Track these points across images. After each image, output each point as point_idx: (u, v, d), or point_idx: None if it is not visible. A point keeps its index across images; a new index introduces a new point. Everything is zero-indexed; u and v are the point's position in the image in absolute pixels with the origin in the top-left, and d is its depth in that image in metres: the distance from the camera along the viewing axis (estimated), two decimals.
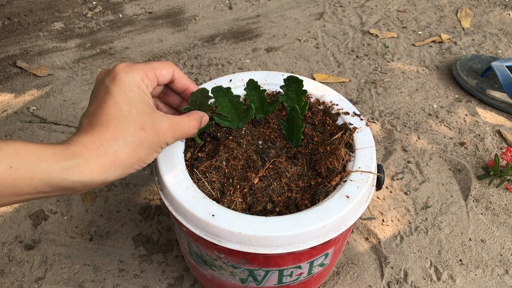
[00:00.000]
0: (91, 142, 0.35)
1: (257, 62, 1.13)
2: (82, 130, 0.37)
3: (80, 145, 0.35)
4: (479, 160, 0.90)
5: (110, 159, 0.36)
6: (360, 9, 1.33)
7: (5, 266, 0.72)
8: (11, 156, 0.32)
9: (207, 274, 0.56)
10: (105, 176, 0.36)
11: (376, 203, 0.82)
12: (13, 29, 1.22)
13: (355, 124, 0.55)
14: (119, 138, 0.36)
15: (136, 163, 0.38)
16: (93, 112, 0.38)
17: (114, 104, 0.37)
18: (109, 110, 0.37)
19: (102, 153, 0.35)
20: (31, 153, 0.33)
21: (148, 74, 0.41)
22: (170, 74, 0.44)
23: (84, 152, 0.35)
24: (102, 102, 0.38)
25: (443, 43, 1.21)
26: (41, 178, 0.33)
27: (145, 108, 0.39)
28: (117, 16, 1.29)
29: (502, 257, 0.75)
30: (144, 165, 0.39)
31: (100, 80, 0.40)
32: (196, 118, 0.44)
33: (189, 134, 0.43)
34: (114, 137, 0.36)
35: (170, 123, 0.40)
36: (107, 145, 0.36)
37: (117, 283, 0.70)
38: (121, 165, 0.37)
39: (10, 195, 0.33)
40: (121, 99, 0.38)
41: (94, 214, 0.79)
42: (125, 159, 0.37)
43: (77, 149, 0.35)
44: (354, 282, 0.71)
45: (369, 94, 1.04)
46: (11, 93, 1.03)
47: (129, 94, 0.38)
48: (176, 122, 0.41)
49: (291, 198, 0.48)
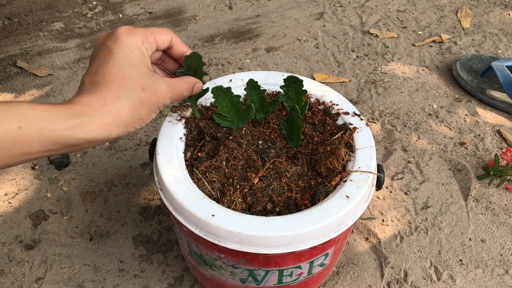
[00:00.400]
0: (95, 101, 0.37)
1: (257, 62, 1.13)
2: (85, 90, 0.38)
3: (84, 104, 0.37)
4: (479, 160, 0.90)
5: (113, 117, 0.37)
6: (360, 9, 1.33)
7: (5, 266, 0.72)
8: (19, 116, 0.33)
9: (207, 274, 0.56)
10: (108, 133, 0.38)
11: (376, 203, 0.82)
12: (13, 29, 1.22)
13: (355, 124, 0.55)
14: (122, 97, 0.38)
15: (137, 122, 0.40)
16: (95, 72, 0.39)
17: (117, 65, 0.39)
18: (111, 70, 0.39)
19: (106, 111, 0.37)
20: (38, 113, 0.34)
21: (148, 38, 0.43)
22: (168, 40, 0.46)
23: (88, 111, 0.36)
24: (104, 62, 0.39)
25: (443, 43, 1.21)
26: (49, 137, 0.34)
27: (145, 69, 0.41)
28: (117, 16, 1.29)
29: (502, 257, 0.75)
30: (143, 125, 0.41)
31: (102, 41, 0.42)
32: (188, 82, 0.47)
33: (183, 96, 0.46)
34: (117, 96, 0.38)
35: (168, 85, 0.43)
36: (110, 103, 0.38)
37: (117, 283, 0.70)
38: (123, 123, 0.38)
39: (20, 155, 0.34)
40: (122, 59, 0.40)
41: (94, 214, 0.79)
42: (127, 118, 0.39)
43: (82, 108, 0.36)
44: (354, 282, 0.71)
45: (369, 94, 1.04)
46: (11, 93, 1.03)
47: (130, 55, 0.40)
48: (172, 84, 0.43)
49: (291, 198, 0.48)
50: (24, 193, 0.82)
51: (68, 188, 0.83)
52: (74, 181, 0.84)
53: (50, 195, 0.82)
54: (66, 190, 0.83)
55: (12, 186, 0.83)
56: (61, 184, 0.84)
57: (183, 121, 0.54)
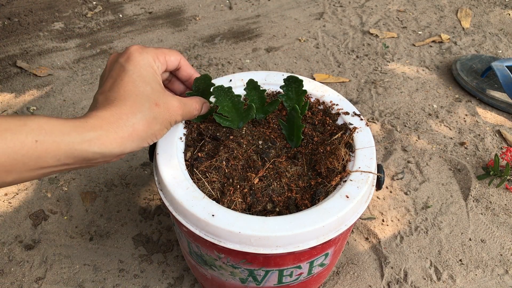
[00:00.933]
0: (110, 116, 0.38)
1: (257, 62, 1.13)
2: (100, 106, 0.39)
3: (99, 119, 0.37)
4: (479, 160, 0.90)
5: (128, 132, 0.38)
6: (360, 9, 1.33)
7: (5, 266, 0.72)
8: (36, 130, 0.34)
9: (207, 274, 0.56)
10: (123, 148, 0.38)
11: (376, 203, 0.82)
12: (13, 29, 1.22)
13: (355, 124, 0.55)
14: (137, 112, 0.39)
15: (150, 137, 0.41)
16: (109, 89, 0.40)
17: (131, 81, 0.40)
18: (126, 87, 0.40)
19: (121, 125, 0.38)
20: (54, 127, 0.35)
21: (159, 57, 0.44)
22: (177, 61, 0.47)
23: (104, 125, 0.37)
24: (118, 79, 0.40)
25: (443, 43, 1.21)
26: (65, 150, 0.35)
27: (158, 86, 0.42)
28: (117, 16, 1.29)
29: (502, 257, 0.75)
30: (155, 140, 0.42)
31: (113, 60, 0.43)
32: (198, 102, 0.48)
33: (193, 115, 0.47)
34: (132, 111, 0.39)
35: (180, 102, 0.44)
36: (126, 118, 0.38)
37: (117, 283, 0.70)
38: (138, 137, 0.39)
39: (36, 168, 0.34)
40: (137, 76, 0.41)
41: (94, 214, 0.79)
42: (141, 132, 0.39)
43: (97, 122, 0.37)
44: (354, 282, 0.71)
45: (369, 94, 1.04)
46: (11, 93, 1.03)
47: (143, 72, 0.41)
48: (184, 102, 0.45)
49: (291, 198, 0.48)
50: (24, 193, 0.82)
51: (68, 188, 0.83)
52: (74, 181, 0.85)
53: (50, 195, 0.82)
54: (66, 190, 0.83)
55: (12, 186, 0.83)
56: (61, 184, 0.84)
57: (183, 121, 0.54)
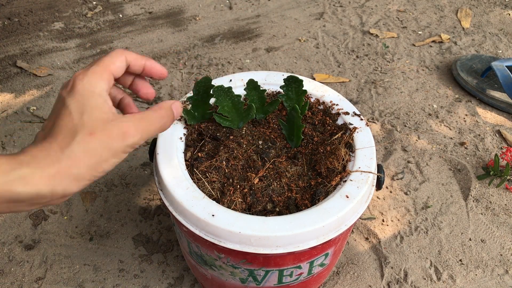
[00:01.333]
0: (39, 152, 0.35)
1: (257, 62, 1.13)
2: (34, 143, 0.36)
3: (28, 156, 0.34)
4: (479, 160, 0.90)
5: (55, 169, 0.34)
6: (360, 9, 1.33)
7: (5, 266, 0.72)
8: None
9: (207, 274, 0.56)
10: (51, 187, 0.34)
11: (376, 203, 0.82)
12: (13, 29, 1.22)
13: (355, 124, 0.55)
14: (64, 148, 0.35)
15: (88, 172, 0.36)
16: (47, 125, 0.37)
17: (67, 114, 0.37)
18: (62, 121, 0.36)
19: (48, 163, 0.34)
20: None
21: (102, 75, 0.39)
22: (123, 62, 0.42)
23: (31, 162, 0.34)
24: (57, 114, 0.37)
25: (443, 43, 1.21)
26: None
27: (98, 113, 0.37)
28: (117, 16, 1.29)
29: (502, 257, 0.75)
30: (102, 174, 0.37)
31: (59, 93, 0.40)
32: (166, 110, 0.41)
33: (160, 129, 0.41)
34: (61, 147, 0.35)
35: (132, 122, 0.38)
36: (54, 154, 0.35)
37: (117, 283, 0.70)
38: (67, 175, 0.35)
39: None
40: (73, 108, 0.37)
41: (94, 214, 0.79)
42: (72, 169, 0.35)
43: (25, 159, 0.34)
44: (354, 282, 0.71)
45: (369, 94, 1.04)
46: (11, 93, 1.03)
47: (82, 101, 0.37)
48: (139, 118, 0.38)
49: (291, 198, 0.48)
50: None
51: None
52: None
53: None
54: None
55: None
56: None
57: (183, 121, 0.54)
